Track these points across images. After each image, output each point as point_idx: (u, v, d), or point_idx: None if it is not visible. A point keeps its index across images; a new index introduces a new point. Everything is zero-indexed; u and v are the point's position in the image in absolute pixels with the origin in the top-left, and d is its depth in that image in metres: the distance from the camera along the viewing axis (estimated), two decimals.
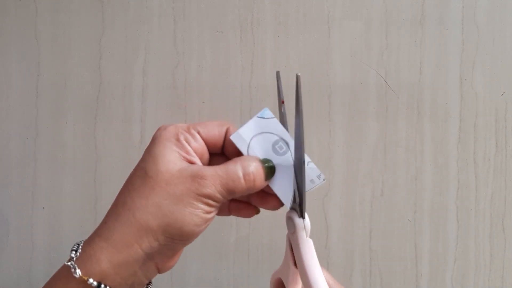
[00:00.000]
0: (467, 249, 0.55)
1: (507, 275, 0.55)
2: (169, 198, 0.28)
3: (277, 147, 0.32)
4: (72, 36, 0.57)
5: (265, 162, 0.31)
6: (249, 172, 0.29)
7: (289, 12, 0.55)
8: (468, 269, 0.55)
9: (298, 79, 0.29)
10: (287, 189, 0.31)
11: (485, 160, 0.55)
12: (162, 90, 0.56)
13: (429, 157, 0.55)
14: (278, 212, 0.34)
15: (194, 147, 0.30)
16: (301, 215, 0.31)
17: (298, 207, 0.31)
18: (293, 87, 0.30)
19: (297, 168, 0.31)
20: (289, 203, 0.31)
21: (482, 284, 0.55)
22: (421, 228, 0.55)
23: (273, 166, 0.31)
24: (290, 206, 0.32)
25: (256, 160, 0.30)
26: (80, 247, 0.28)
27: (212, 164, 0.31)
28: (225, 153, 0.33)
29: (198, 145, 0.31)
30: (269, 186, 0.31)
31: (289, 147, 0.32)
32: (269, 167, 0.31)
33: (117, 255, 0.27)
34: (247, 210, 0.33)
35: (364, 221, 0.55)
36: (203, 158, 0.31)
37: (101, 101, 0.57)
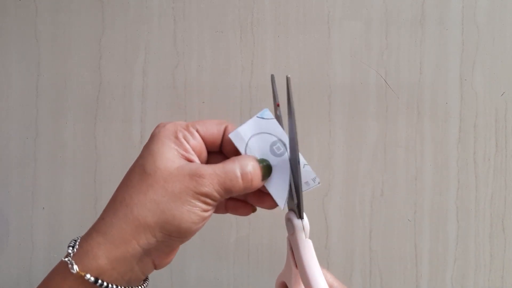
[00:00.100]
0: (467, 249, 0.55)
1: (507, 275, 0.55)
2: (167, 196, 0.28)
3: (275, 148, 0.32)
4: (72, 36, 0.57)
5: (262, 162, 0.31)
6: (247, 172, 0.29)
7: (289, 12, 0.55)
8: (468, 269, 0.55)
9: (289, 81, 0.29)
10: (282, 190, 0.31)
11: (485, 160, 0.55)
12: (162, 90, 0.56)
13: (429, 157, 0.55)
14: (278, 212, 0.33)
15: (193, 145, 0.30)
16: (300, 216, 0.31)
17: (296, 208, 0.31)
18: (293, 88, 0.30)
19: (293, 169, 0.31)
20: (283, 204, 0.31)
21: (482, 284, 0.55)
22: (421, 228, 0.55)
23: (270, 166, 0.31)
24: (288, 207, 0.32)
25: (254, 160, 0.30)
26: (77, 243, 0.28)
27: (210, 163, 0.31)
28: (223, 152, 0.33)
29: (197, 143, 0.31)
30: (265, 186, 0.31)
31: (287, 149, 0.32)
32: (266, 167, 0.31)
33: (115, 251, 0.27)
34: (244, 209, 0.34)
35: (364, 221, 0.55)
36: (201, 156, 0.31)
37: (101, 101, 0.57)
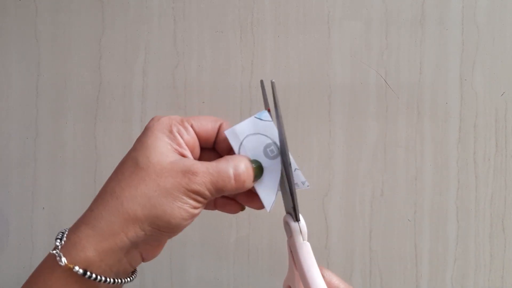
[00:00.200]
0: (467, 249, 0.55)
1: (507, 275, 0.55)
2: (159, 190, 0.28)
3: (269, 151, 0.31)
4: (72, 36, 0.57)
5: (255, 163, 0.31)
6: (240, 173, 0.29)
7: (289, 12, 0.55)
8: (468, 269, 0.55)
9: (273, 86, 0.29)
10: (270, 193, 0.31)
11: (485, 160, 0.55)
12: (162, 90, 0.56)
13: (429, 157, 0.55)
14: (278, 212, 0.33)
15: (186, 140, 0.30)
16: (296, 219, 0.31)
17: (293, 211, 0.31)
18: (293, 88, 0.30)
19: (287, 173, 0.31)
20: (269, 207, 0.31)
21: (482, 284, 0.55)
22: (421, 228, 0.55)
23: (262, 167, 0.31)
24: (285, 210, 0.32)
25: (247, 161, 0.30)
26: (65, 235, 0.28)
27: (203, 159, 0.31)
28: (216, 149, 0.33)
29: (190, 138, 0.31)
30: (254, 187, 0.31)
31: (281, 153, 0.31)
32: (258, 168, 0.31)
33: (103, 243, 0.27)
34: (232, 207, 0.34)
35: (364, 221, 0.55)
36: (194, 152, 0.31)
37: (101, 101, 0.57)
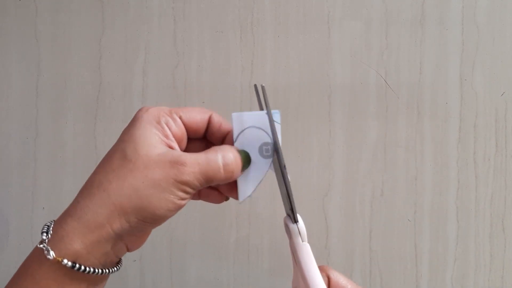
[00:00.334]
0: (467, 249, 0.55)
1: (507, 275, 0.55)
2: (147, 182, 0.28)
3: (264, 149, 0.32)
4: (72, 36, 0.57)
5: (242, 154, 0.31)
6: (229, 162, 0.30)
7: (289, 12, 0.55)
8: (468, 269, 0.55)
9: (263, 90, 0.30)
10: (249, 188, 0.31)
11: (485, 160, 0.55)
12: (162, 90, 0.56)
13: (429, 157, 0.55)
14: (278, 213, 0.33)
15: (174, 132, 0.30)
16: (294, 221, 0.31)
17: (291, 212, 0.31)
18: (293, 88, 0.30)
19: (279, 174, 0.31)
20: (242, 199, 0.31)
21: (482, 284, 0.55)
22: (421, 228, 0.55)
23: (249, 157, 0.31)
24: (285, 211, 0.32)
25: (235, 151, 0.31)
26: (51, 228, 0.28)
27: (190, 150, 0.31)
28: (209, 139, 0.33)
29: (178, 130, 0.31)
30: None
31: (273, 156, 0.32)
32: (246, 158, 0.31)
33: (89, 235, 0.27)
34: (217, 197, 0.34)
35: (364, 221, 0.55)
36: (182, 143, 0.31)
37: (101, 101, 0.57)
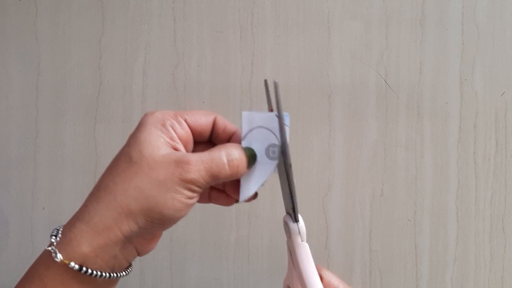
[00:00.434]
0: (467, 249, 0.55)
1: (507, 275, 0.55)
2: (152, 182, 0.28)
3: (271, 150, 0.32)
4: (72, 36, 0.57)
5: (247, 150, 0.31)
6: (233, 159, 0.30)
7: (289, 12, 0.55)
8: (468, 269, 0.55)
9: (276, 87, 0.30)
10: (251, 188, 0.31)
11: (485, 160, 0.55)
12: (162, 90, 0.56)
13: (429, 157, 0.55)
14: (278, 213, 0.34)
15: (179, 134, 0.31)
16: (295, 220, 0.31)
17: (292, 212, 0.31)
18: (293, 88, 0.30)
19: (284, 173, 0.31)
20: (243, 199, 0.31)
21: (482, 284, 0.55)
22: (421, 228, 0.55)
23: (255, 154, 0.31)
24: (285, 210, 0.32)
25: (239, 148, 0.31)
26: (60, 232, 0.28)
27: (197, 152, 0.31)
28: (214, 141, 0.33)
29: (184, 133, 0.31)
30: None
31: (279, 157, 0.32)
32: (251, 155, 0.31)
33: (98, 238, 0.27)
34: (226, 199, 0.34)
35: (364, 221, 0.55)
36: (187, 146, 0.32)
37: (101, 101, 0.57)
